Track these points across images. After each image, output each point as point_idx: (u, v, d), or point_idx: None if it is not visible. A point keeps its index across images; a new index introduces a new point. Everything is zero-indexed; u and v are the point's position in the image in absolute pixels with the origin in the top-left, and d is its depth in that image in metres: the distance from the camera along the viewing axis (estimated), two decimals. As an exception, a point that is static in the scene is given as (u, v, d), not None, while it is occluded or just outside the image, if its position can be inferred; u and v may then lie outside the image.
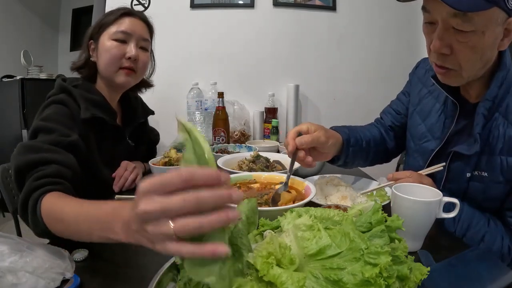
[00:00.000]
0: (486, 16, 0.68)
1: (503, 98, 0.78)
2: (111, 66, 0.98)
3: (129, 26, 0.99)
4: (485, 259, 0.58)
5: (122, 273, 0.56)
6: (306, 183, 0.81)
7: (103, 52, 0.98)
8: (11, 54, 3.42)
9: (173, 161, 1.08)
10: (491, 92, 0.77)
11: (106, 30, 0.98)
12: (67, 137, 0.81)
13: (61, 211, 0.60)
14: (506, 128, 0.76)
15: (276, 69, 2.13)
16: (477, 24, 0.69)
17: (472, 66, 0.75)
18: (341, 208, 0.68)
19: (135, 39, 1.00)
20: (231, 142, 1.78)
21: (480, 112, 0.78)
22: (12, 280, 0.46)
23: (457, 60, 0.75)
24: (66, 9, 4.24)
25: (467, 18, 0.69)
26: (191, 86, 2.01)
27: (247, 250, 0.41)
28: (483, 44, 0.71)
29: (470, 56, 0.74)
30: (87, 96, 0.95)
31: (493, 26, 0.70)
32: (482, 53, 0.73)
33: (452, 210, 0.65)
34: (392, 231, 0.45)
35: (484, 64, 0.76)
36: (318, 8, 2.07)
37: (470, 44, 0.71)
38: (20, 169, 0.71)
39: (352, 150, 0.98)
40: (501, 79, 0.78)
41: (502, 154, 0.76)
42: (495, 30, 0.71)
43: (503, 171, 0.76)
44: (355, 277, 0.36)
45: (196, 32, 2.10)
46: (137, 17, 1.03)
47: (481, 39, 0.71)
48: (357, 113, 2.16)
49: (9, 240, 0.50)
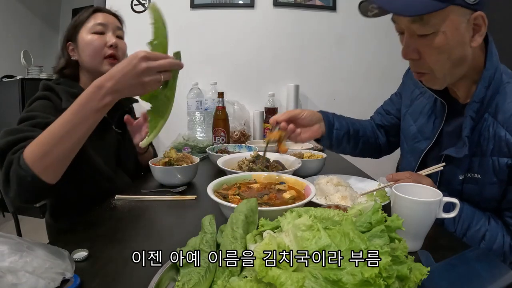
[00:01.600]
0: (443, 16, 0.70)
1: (492, 98, 0.77)
2: (96, 56, 1.03)
3: (104, 18, 1.06)
4: (485, 259, 0.58)
5: (122, 273, 0.56)
6: (306, 183, 0.81)
7: (85, 46, 1.03)
8: (11, 54, 3.43)
9: (173, 161, 1.08)
10: (479, 93, 0.77)
11: (82, 27, 1.04)
12: (47, 119, 0.85)
13: (45, 132, 0.71)
14: (496, 129, 0.76)
15: (276, 69, 2.13)
16: (435, 25, 0.71)
17: (442, 67, 0.76)
18: (341, 208, 0.68)
19: (111, 28, 1.07)
20: (231, 142, 1.78)
21: (468, 114, 0.78)
22: (12, 280, 0.46)
23: (426, 63, 0.76)
24: (66, 9, 4.24)
25: (424, 22, 0.71)
26: (191, 86, 2.01)
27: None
28: (447, 43, 0.72)
29: (436, 57, 0.75)
30: (68, 90, 1.00)
31: (454, 24, 0.71)
32: (449, 52, 0.73)
33: (452, 210, 0.65)
34: (392, 231, 0.45)
35: (457, 63, 0.76)
36: (318, 8, 2.08)
37: (434, 46, 0.73)
38: (1, 150, 0.76)
39: (336, 133, 1.07)
40: (488, 80, 0.77)
41: (494, 155, 0.76)
42: (458, 28, 0.71)
43: (496, 171, 0.76)
44: (355, 277, 0.36)
45: (196, 32, 2.10)
46: (107, 12, 1.10)
47: (444, 39, 0.72)
48: (357, 113, 2.14)
49: (9, 240, 0.50)
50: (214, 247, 0.49)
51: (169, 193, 0.99)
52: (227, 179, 0.84)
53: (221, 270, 0.45)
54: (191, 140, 1.72)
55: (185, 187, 1.04)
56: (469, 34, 0.73)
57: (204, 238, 0.50)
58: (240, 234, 0.48)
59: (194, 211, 0.88)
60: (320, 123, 1.05)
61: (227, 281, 0.42)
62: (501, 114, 0.76)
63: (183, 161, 1.09)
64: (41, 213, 2.91)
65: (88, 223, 0.78)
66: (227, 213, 0.67)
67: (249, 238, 0.48)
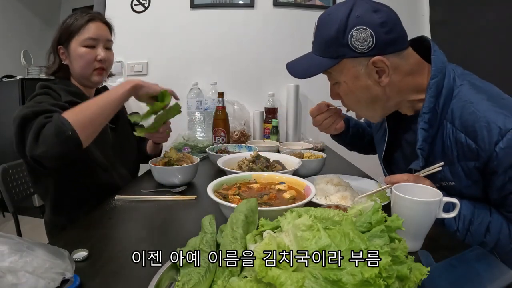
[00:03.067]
0: (340, 69, 0.80)
1: (447, 105, 0.78)
2: (86, 69, 1.11)
3: (96, 31, 1.10)
4: (485, 259, 0.58)
5: (122, 273, 0.56)
6: (306, 183, 0.81)
7: (77, 58, 1.09)
8: (11, 54, 3.42)
9: (173, 161, 1.08)
10: (428, 103, 0.78)
11: (75, 37, 1.09)
12: (58, 101, 0.96)
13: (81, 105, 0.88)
14: (456, 135, 0.76)
15: (276, 69, 2.13)
16: (336, 77, 0.83)
17: (358, 108, 0.88)
18: (341, 208, 0.68)
19: (101, 42, 1.12)
20: (231, 142, 1.78)
21: (419, 127, 0.79)
22: (12, 280, 0.46)
23: (346, 105, 0.90)
24: (66, 9, 4.23)
25: (330, 75, 0.85)
26: (191, 86, 2.01)
27: None
28: (351, 90, 0.82)
29: (348, 100, 0.87)
30: (65, 88, 1.07)
31: (352, 74, 0.80)
32: (356, 96, 0.83)
33: (452, 210, 0.65)
34: (392, 231, 0.45)
35: (371, 103, 0.84)
36: (318, 8, 2.08)
37: (342, 93, 0.85)
38: (26, 116, 0.85)
39: (352, 131, 1.21)
40: (436, 89, 0.78)
41: (461, 161, 0.76)
42: (357, 76, 0.80)
43: (467, 175, 0.76)
44: (355, 277, 0.36)
45: (196, 32, 2.10)
46: (100, 21, 1.14)
47: (346, 88, 0.83)
48: (357, 113, 2.16)
49: (9, 240, 0.50)
50: (214, 247, 0.49)
51: (169, 193, 0.99)
52: (227, 179, 0.84)
53: (221, 270, 0.45)
54: (191, 140, 1.72)
55: (185, 187, 1.04)
56: (373, 78, 0.79)
57: (204, 238, 0.50)
58: (240, 234, 0.48)
59: (194, 211, 0.88)
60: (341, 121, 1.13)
61: (227, 281, 0.42)
62: (458, 119, 0.76)
63: (183, 161, 1.09)
64: (41, 213, 2.89)
65: (88, 223, 0.78)
66: (227, 213, 0.67)
67: (249, 238, 0.48)
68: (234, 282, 0.41)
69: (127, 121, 1.33)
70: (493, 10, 1.60)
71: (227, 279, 0.43)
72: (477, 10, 1.71)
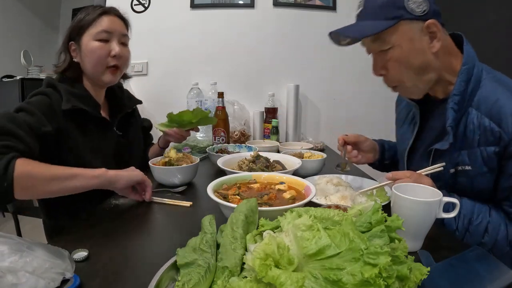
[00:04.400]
0: (395, 32, 0.81)
1: (474, 92, 0.82)
2: (98, 66, 1.01)
3: (109, 25, 1.01)
4: (485, 259, 0.58)
5: (122, 273, 0.56)
6: (306, 183, 0.81)
7: (88, 54, 1.00)
8: (11, 54, 3.42)
9: (173, 161, 1.08)
10: (459, 87, 0.82)
11: (86, 31, 1.00)
12: (43, 126, 0.86)
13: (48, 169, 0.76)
14: (480, 120, 0.79)
15: (276, 69, 2.13)
16: (391, 41, 0.82)
17: (407, 76, 0.86)
18: (341, 208, 0.68)
19: (116, 36, 1.03)
20: (231, 142, 1.78)
21: (449, 107, 0.82)
22: (12, 280, 0.46)
23: (393, 76, 0.87)
24: (66, 9, 4.23)
25: (381, 40, 0.83)
26: (191, 86, 2.01)
27: None
28: (405, 54, 0.82)
29: (399, 69, 0.85)
30: (70, 90, 0.98)
31: (407, 36, 0.81)
32: (409, 62, 0.83)
33: (452, 210, 0.65)
34: (392, 231, 0.45)
35: (421, 70, 0.84)
36: (318, 8, 2.07)
37: (394, 59, 0.84)
38: None
39: (388, 154, 1.21)
40: (467, 74, 0.82)
41: (481, 145, 0.79)
42: (412, 39, 0.81)
43: (485, 161, 0.79)
44: (355, 277, 0.36)
45: (196, 32, 2.10)
46: (114, 15, 1.05)
47: (400, 52, 0.82)
48: (357, 113, 2.16)
49: (9, 240, 0.50)
50: (214, 247, 0.49)
51: (169, 193, 0.99)
52: (227, 179, 0.84)
53: (221, 270, 0.45)
54: (191, 140, 1.72)
55: (185, 187, 1.04)
56: (426, 42, 0.81)
57: (204, 238, 0.50)
58: (240, 234, 0.48)
59: (194, 211, 0.88)
60: (375, 153, 1.17)
61: (227, 281, 0.42)
62: (483, 105, 0.80)
63: (183, 161, 1.09)
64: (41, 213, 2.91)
65: (88, 223, 0.78)
66: (227, 213, 0.67)
67: (249, 238, 0.48)
68: (234, 282, 0.41)
69: (140, 127, 1.29)
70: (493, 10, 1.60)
71: (227, 279, 0.43)
72: (477, 10, 1.71)
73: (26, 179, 0.72)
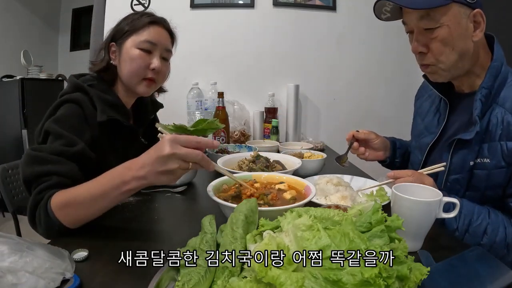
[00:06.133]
0: (446, 12, 0.81)
1: (499, 90, 0.84)
2: (135, 76, 0.97)
3: (155, 36, 0.98)
4: (485, 259, 0.58)
5: (122, 273, 0.56)
6: (306, 183, 0.81)
7: (127, 60, 0.96)
8: (11, 54, 3.42)
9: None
10: (488, 81, 0.84)
11: (131, 37, 0.96)
12: (73, 146, 0.81)
13: (74, 193, 0.71)
14: (504, 115, 0.81)
15: (276, 69, 2.13)
16: (440, 20, 0.81)
17: (447, 58, 0.85)
18: (341, 208, 0.68)
19: (159, 49, 0.99)
20: (231, 142, 1.78)
21: (477, 98, 0.84)
22: (12, 280, 0.46)
23: (433, 55, 0.86)
24: (66, 9, 4.23)
25: (430, 18, 0.82)
26: (191, 86, 2.01)
27: None
28: (451, 36, 0.82)
29: (442, 49, 0.84)
30: (103, 97, 0.93)
31: (456, 19, 0.81)
32: (453, 44, 0.83)
33: (452, 210, 0.65)
34: (392, 231, 0.45)
35: (461, 55, 0.84)
36: (318, 8, 2.07)
37: (440, 38, 0.83)
38: (26, 180, 0.77)
39: (399, 152, 1.21)
40: (495, 71, 0.84)
41: (502, 140, 0.81)
42: (460, 22, 0.82)
43: (504, 155, 0.80)
44: (355, 277, 0.36)
45: (196, 32, 2.09)
46: (163, 27, 1.02)
47: (448, 32, 0.82)
48: (357, 113, 2.16)
49: (9, 240, 0.50)
50: (214, 247, 0.49)
51: (169, 193, 0.99)
52: (227, 179, 0.84)
53: (221, 270, 0.45)
54: (191, 140, 1.72)
55: (185, 187, 1.04)
56: (470, 30, 0.83)
57: (204, 238, 0.50)
58: (240, 234, 0.48)
59: (194, 211, 0.88)
60: (385, 151, 1.17)
61: (227, 281, 0.42)
62: (509, 102, 0.82)
63: (183, 161, 1.08)
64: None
65: (88, 223, 0.78)
66: (227, 213, 0.67)
67: (249, 238, 0.48)
68: (234, 282, 0.41)
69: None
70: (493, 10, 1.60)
71: (227, 279, 0.43)
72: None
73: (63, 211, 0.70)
